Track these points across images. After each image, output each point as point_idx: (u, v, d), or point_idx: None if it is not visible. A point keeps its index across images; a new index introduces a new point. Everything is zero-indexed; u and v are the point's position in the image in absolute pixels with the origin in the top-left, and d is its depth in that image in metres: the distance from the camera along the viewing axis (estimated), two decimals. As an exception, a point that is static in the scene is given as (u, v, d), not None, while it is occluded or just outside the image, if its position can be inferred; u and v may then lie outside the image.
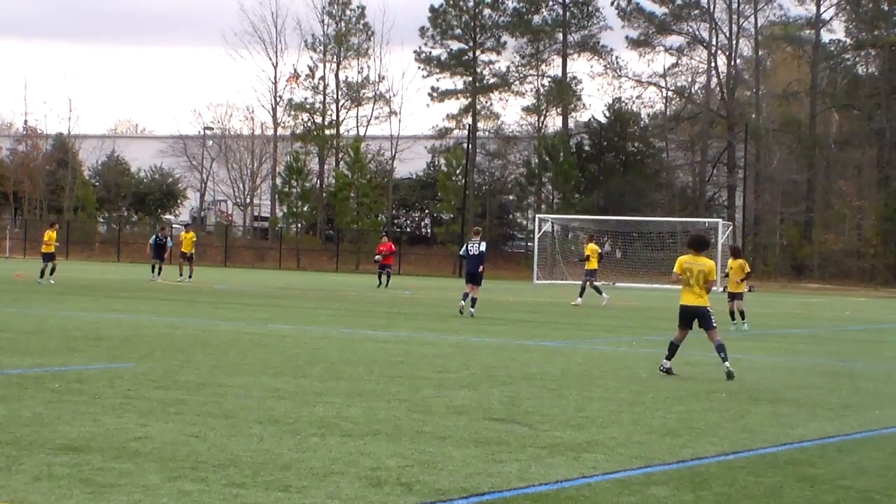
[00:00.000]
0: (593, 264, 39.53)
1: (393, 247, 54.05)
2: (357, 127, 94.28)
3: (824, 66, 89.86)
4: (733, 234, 71.84)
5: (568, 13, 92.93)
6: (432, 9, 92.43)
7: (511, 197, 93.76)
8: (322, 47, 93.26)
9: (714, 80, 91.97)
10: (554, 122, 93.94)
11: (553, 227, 74.77)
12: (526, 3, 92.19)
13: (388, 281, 50.49)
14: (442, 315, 31.47)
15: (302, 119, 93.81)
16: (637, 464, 10.36)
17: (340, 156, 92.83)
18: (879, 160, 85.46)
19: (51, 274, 41.45)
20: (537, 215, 76.01)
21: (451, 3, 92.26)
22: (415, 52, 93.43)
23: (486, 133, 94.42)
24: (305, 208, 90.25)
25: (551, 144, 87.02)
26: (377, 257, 51.83)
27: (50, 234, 42.77)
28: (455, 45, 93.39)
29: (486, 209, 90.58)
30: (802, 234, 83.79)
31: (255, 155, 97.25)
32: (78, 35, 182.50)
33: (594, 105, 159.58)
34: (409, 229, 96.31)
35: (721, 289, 35.57)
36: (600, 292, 39.25)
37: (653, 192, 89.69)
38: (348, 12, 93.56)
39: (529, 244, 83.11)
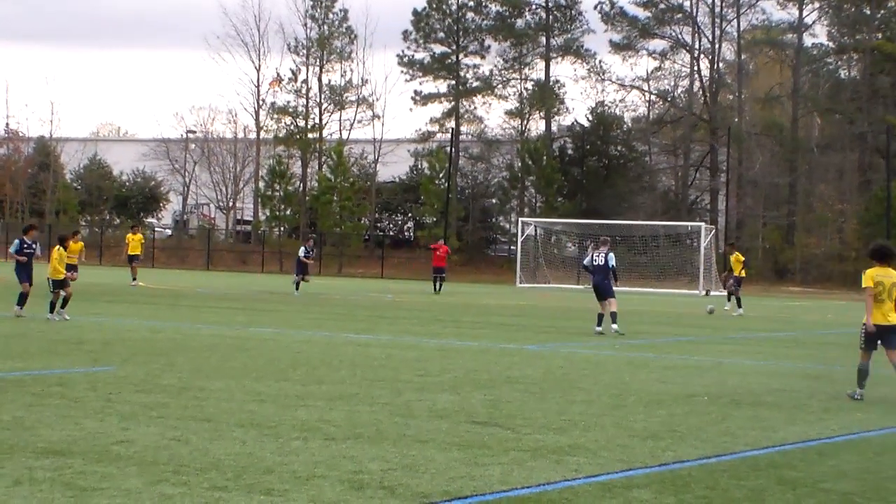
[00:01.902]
0: (741, 272, 40.43)
1: (448, 250, 55.74)
2: (340, 130, 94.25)
3: (806, 70, 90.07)
4: (716, 237, 71.96)
5: (551, 17, 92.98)
6: (415, 12, 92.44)
7: (494, 200, 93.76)
8: (305, 51, 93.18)
9: (697, 84, 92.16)
10: (537, 125, 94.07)
11: (536, 230, 74.81)
12: (509, 6, 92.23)
13: (440, 286, 51.42)
14: (424, 318, 31.48)
15: (285, 122, 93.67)
16: (619, 467, 10.38)
17: (323, 159, 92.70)
18: (861, 164, 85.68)
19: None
20: (520, 219, 76.03)
21: (434, 6, 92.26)
22: (398, 55, 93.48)
23: (469, 137, 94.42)
24: (288, 212, 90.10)
25: (534, 148, 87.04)
26: (438, 253, 52.99)
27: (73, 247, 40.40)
28: (438, 49, 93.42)
29: (469, 213, 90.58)
30: (784, 237, 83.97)
31: (238, 158, 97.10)
32: (60, 38, 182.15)
33: (577, 109, 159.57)
34: (391, 233, 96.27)
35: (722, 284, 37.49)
36: (728, 300, 40.44)
37: (635, 195, 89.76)
38: (331, 15, 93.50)
39: (512, 248, 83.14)
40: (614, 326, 26.97)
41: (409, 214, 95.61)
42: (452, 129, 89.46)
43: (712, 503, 9.14)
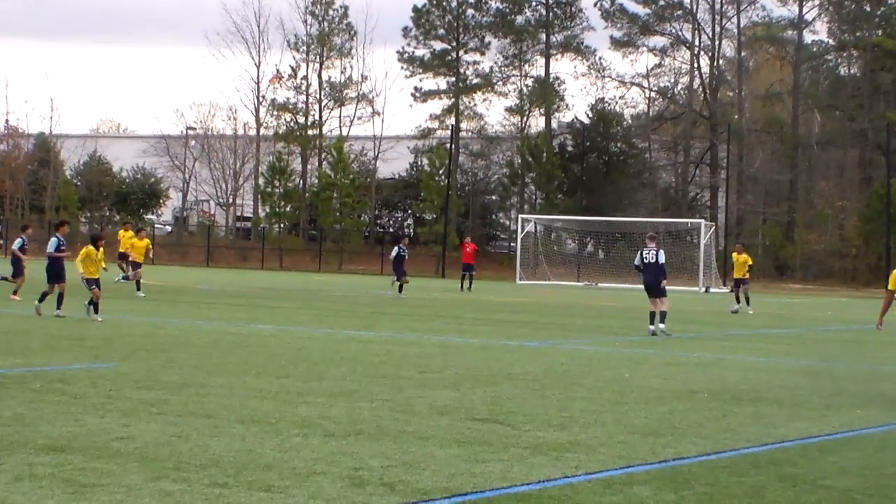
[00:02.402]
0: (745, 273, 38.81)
1: (475, 247, 55.89)
2: (340, 127, 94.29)
3: (807, 67, 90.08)
4: (716, 234, 71.98)
5: (551, 13, 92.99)
6: (415, 9, 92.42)
7: (494, 197, 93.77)
8: (305, 47, 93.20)
9: (697, 81, 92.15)
10: (537, 122, 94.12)
11: (536, 227, 74.79)
12: (509, 3, 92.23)
13: (471, 284, 51.25)
14: (425, 315, 31.47)
15: (285, 119, 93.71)
16: (619, 464, 10.38)
17: (323, 156, 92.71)
18: (861, 161, 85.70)
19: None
20: (520, 215, 76.02)
21: (435, 3, 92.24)
22: (398, 52, 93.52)
23: (469, 133, 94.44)
24: (288, 208, 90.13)
25: (534, 145, 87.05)
26: (467, 250, 53.01)
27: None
28: (438, 46, 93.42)
29: (469, 209, 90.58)
30: (785, 234, 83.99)
31: (238, 155, 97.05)
32: (60, 34, 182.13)
33: (577, 105, 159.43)
34: (391, 229, 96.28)
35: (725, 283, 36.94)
36: (738, 301, 38.28)
37: (635, 192, 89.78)
38: (331, 12, 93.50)
39: (512, 244, 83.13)
40: (661, 326, 26.10)
41: (410, 211, 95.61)
42: (452, 125, 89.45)
43: (713, 500, 9.13)
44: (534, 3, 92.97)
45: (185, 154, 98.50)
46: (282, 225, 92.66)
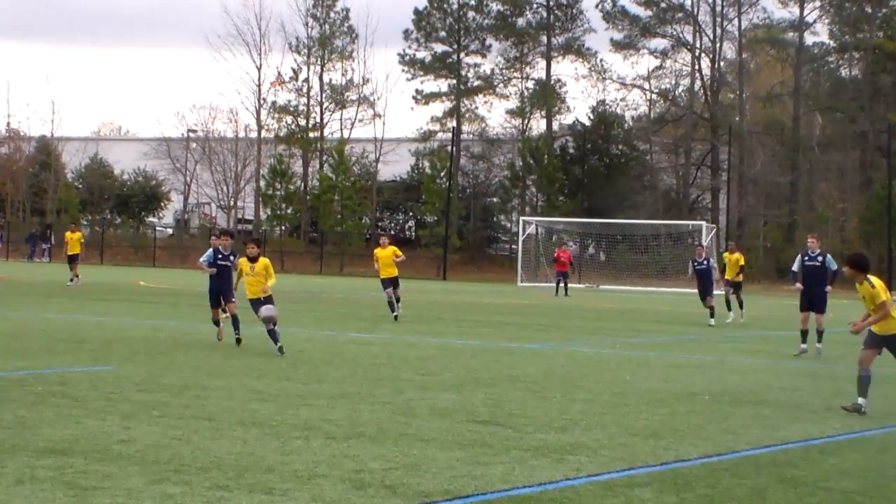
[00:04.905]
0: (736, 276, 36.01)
1: (570, 255, 56.63)
2: (341, 129, 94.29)
3: (808, 69, 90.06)
4: (717, 236, 71.96)
5: (552, 16, 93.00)
6: (416, 11, 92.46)
7: (495, 199, 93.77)
8: (306, 49, 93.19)
9: (698, 83, 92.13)
10: (538, 124, 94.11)
11: (537, 229, 74.82)
12: (510, 5, 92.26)
13: (566, 289, 51.63)
14: (425, 317, 31.47)
15: (286, 121, 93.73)
16: (620, 466, 10.38)
17: (324, 158, 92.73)
18: (862, 162, 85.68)
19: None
20: (521, 218, 76.04)
21: (436, 5, 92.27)
22: (399, 54, 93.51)
23: (471, 136, 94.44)
24: (289, 211, 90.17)
25: (535, 147, 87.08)
26: (559, 258, 53.46)
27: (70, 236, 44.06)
28: (439, 48, 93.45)
29: (471, 212, 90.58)
30: (785, 236, 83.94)
31: (239, 157, 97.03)
32: (61, 36, 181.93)
33: (578, 107, 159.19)
34: (392, 232, 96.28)
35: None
36: (729, 308, 35.29)
37: (636, 194, 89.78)
38: (332, 14, 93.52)
39: (513, 247, 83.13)
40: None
41: (411, 213, 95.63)
42: (453, 128, 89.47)
43: (714, 502, 9.13)
44: (535, 6, 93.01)
45: (187, 157, 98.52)
46: (283, 227, 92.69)
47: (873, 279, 14.72)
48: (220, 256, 21.53)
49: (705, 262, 33.51)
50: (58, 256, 67.12)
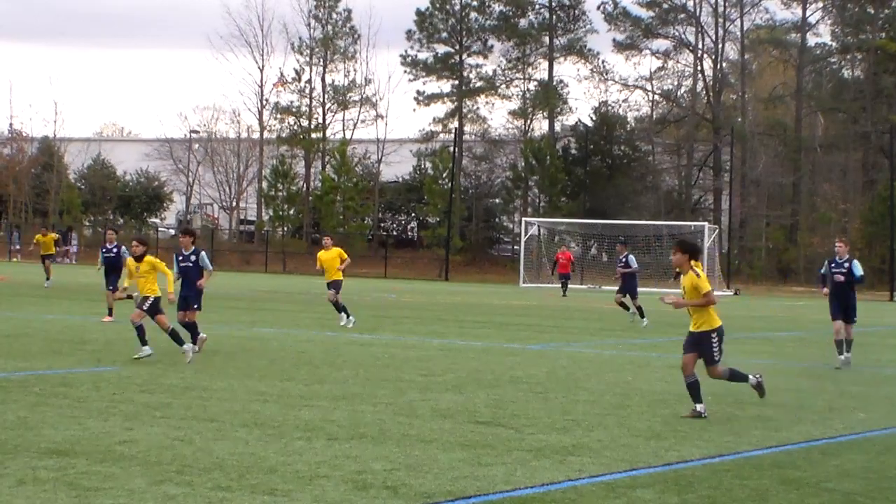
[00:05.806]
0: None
1: (571, 256, 57.57)
2: (343, 130, 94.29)
3: (810, 70, 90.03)
4: (719, 237, 71.93)
5: (554, 16, 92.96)
6: (419, 12, 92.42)
7: (497, 200, 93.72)
8: (308, 50, 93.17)
9: (700, 84, 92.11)
10: (540, 125, 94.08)
11: (539, 230, 74.78)
12: (512, 6, 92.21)
13: (564, 290, 52.48)
14: (427, 318, 31.47)
15: (288, 122, 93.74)
16: (622, 467, 10.38)
17: (326, 159, 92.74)
18: (864, 163, 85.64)
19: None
20: (524, 219, 76.00)
21: (438, 6, 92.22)
22: (401, 55, 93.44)
23: (473, 136, 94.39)
24: (291, 212, 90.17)
25: (538, 148, 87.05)
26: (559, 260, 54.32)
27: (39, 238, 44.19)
28: (441, 49, 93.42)
29: (473, 213, 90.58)
30: (788, 237, 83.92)
31: (242, 158, 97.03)
32: (63, 37, 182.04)
33: (580, 108, 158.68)
34: (395, 233, 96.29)
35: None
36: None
37: (639, 195, 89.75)
38: (335, 15, 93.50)
39: (515, 248, 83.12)
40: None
41: (413, 214, 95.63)
42: (456, 128, 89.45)
43: (716, 503, 9.13)
44: (537, 6, 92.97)
45: (189, 157, 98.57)
46: (285, 228, 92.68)
47: (698, 269, 13.79)
48: (180, 258, 19.63)
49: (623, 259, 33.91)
50: (28, 256, 66.96)
